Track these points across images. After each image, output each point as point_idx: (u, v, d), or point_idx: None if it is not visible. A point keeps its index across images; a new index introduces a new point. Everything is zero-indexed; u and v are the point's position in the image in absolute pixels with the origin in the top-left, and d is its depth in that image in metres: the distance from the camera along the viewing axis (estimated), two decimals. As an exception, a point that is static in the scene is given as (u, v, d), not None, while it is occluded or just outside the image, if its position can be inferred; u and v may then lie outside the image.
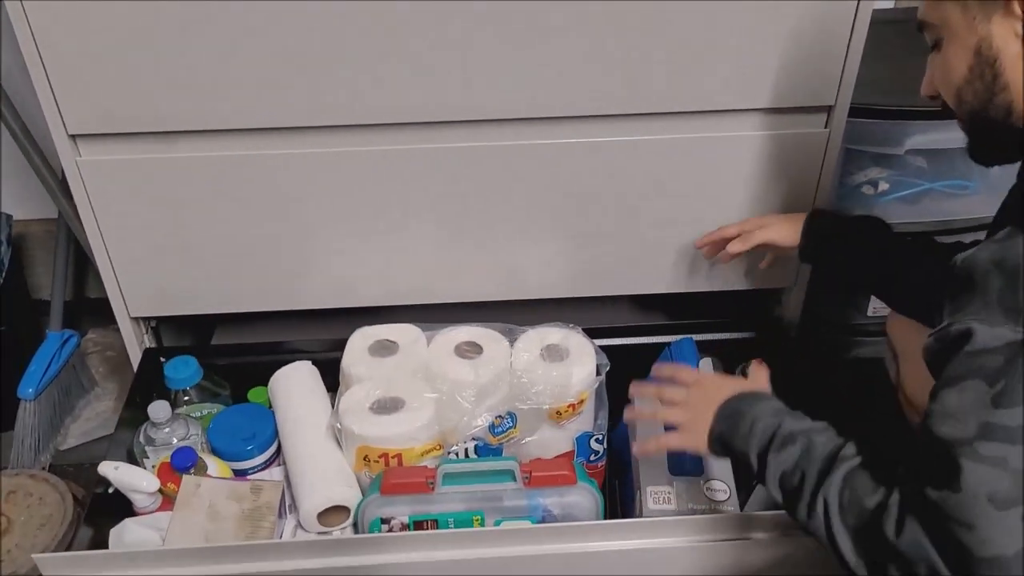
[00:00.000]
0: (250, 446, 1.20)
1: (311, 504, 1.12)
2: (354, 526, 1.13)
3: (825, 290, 1.42)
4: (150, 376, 1.31)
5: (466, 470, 1.10)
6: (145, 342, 1.36)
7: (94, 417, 1.67)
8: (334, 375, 1.25)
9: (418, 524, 1.08)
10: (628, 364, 1.20)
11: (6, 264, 1.59)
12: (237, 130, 1.16)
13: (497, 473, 1.09)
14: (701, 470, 1.12)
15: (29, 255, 1.76)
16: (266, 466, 1.22)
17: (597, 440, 1.21)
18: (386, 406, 1.15)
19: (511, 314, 1.28)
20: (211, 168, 1.19)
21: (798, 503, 0.84)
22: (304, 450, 1.18)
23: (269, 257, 1.28)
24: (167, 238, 1.25)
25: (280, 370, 1.28)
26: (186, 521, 1.06)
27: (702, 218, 1.27)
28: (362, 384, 1.18)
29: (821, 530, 0.81)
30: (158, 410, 1.17)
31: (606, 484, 1.26)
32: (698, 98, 1.18)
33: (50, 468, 1.55)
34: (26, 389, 1.53)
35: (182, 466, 1.12)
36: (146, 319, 1.36)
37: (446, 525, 1.08)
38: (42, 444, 1.56)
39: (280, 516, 1.10)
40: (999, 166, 0.88)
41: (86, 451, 1.60)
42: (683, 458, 1.13)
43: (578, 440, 1.20)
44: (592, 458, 1.21)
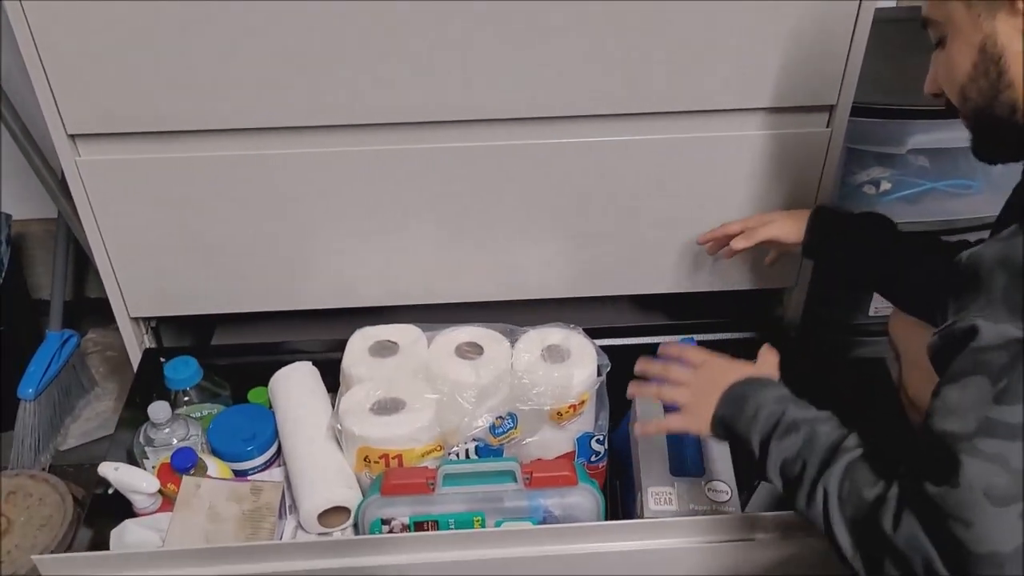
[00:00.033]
0: (250, 447, 1.19)
1: (311, 505, 1.11)
2: (354, 527, 1.13)
3: (826, 290, 1.42)
4: (150, 376, 1.30)
5: (467, 471, 1.09)
6: (145, 342, 1.36)
7: (94, 417, 1.67)
8: (334, 375, 1.25)
9: (419, 525, 1.08)
10: (629, 364, 1.19)
11: (6, 264, 1.59)
12: (237, 130, 1.16)
13: (498, 474, 1.09)
14: (702, 470, 1.12)
15: (29, 255, 1.76)
16: (266, 467, 1.21)
17: (598, 441, 1.20)
18: (387, 407, 1.14)
19: (511, 314, 1.27)
20: (211, 168, 1.19)
21: (798, 491, 0.84)
22: (304, 451, 1.18)
23: (269, 257, 1.28)
24: (167, 238, 1.25)
25: (280, 370, 1.28)
26: (186, 522, 1.06)
27: (703, 218, 1.26)
28: (362, 385, 1.17)
29: (819, 520, 0.81)
30: (158, 410, 1.17)
31: (607, 485, 1.26)
32: (699, 98, 1.18)
33: (50, 468, 1.55)
34: (26, 389, 1.53)
35: (182, 467, 1.11)
36: (146, 319, 1.36)
37: (447, 526, 1.08)
38: (42, 444, 1.56)
39: (280, 517, 1.10)
40: (1002, 165, 0.87)
41: (86, 451, 1.60)
42: (684, 458, 1.13)
43: (579, 441, 1.20)
44: (593, 459, 1.21)
